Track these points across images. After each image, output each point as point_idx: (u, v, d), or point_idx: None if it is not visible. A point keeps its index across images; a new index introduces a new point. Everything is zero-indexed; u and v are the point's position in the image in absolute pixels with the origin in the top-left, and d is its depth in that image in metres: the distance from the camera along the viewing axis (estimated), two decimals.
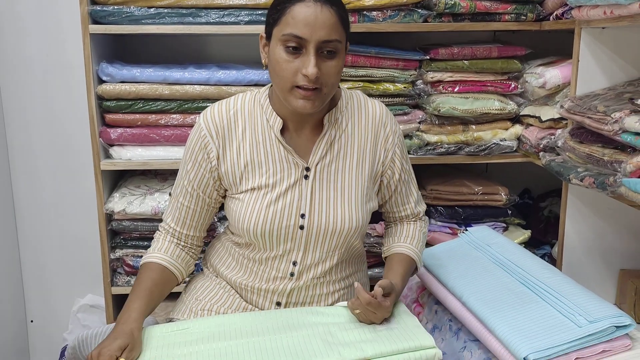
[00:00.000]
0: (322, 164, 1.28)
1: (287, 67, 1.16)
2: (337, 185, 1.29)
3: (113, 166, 1.89)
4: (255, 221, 1.26)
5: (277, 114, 1.26)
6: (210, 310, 1.35)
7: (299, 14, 1.13)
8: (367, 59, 1.89)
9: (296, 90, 1.17)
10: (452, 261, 1.53)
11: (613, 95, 1.56)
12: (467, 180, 2.06)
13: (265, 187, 1.27)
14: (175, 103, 1.88)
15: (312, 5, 1.14)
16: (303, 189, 1.27)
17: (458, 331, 1.40)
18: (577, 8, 1.61)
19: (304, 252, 1.30)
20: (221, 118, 1.28)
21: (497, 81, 1.94)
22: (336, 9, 1.16)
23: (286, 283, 1.32)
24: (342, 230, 1.28)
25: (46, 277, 2.31)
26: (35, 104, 2.17)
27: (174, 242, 1.35)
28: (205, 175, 1.30)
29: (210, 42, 2.19)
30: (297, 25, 1.13)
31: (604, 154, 1.47)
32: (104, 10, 1.78)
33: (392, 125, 1.35)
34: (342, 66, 1.22)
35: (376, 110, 1.33)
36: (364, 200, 1.31)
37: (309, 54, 1.14)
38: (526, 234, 2.01)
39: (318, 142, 1.28)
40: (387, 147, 1.33)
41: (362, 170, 1.31)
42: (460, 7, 1.85)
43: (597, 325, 1.14)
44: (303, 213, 1.27)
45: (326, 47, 1.16)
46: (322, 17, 1.13)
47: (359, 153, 1.31)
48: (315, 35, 1.13)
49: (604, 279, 1.80)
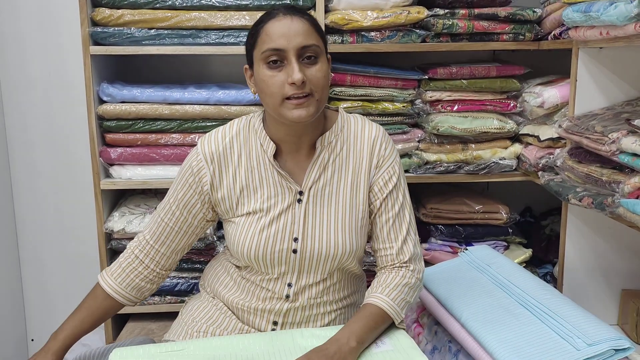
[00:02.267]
0: (316, 187, 1.28)
1: (273, 82, 1.17)
2: (330, 209, 1.28)
3: (113, 185, 1.89)
4: (249, 245, 1.26)
5: (270, 139, 1.27)
6: (206, 332, 1.35)
7: (273, 28, 1.16)
8: (366, 78, 1.90)
9: (288, 102, 1.17)
10: (451, 281, 1.52)
11: (611, 115, 1.56)
12: (467, 199, 2.05)
13: (260, 211, 1.27)
14: (175, 123, 1.89)
15: (283, 18, 1.17)
16: (296, 212, 1.27)
17: (457, 353, 1.39)
18: (574, 28, 1.62)
19: (298, 275, 1.30)
20: (217, 146, 1.29)
21: (496, 100, 1.94)
22: (307, 17, 1.20)
23: (282, 303, 1.31)
24: (336, 254, 1.27)
25: (47, 296, 2.31)
26: (37, 123, 2.19)
27: (139, 262, 1.33)
28: (194, 197, 1.30)
29: (210, 62, 2.21)
30: (273, 39, 1.16)
31: (603, 174, 1.47)
32: (105, 32, 1.80)
33: (386, 151, 1.30)
34: (328, 72, 1.22)
35: (372, 133, 1.30)
36: (359, 225, 1.30)
37: (290, 62, 1.16)
38: (527, 253, 2.00)
39: (311, 165, 1.27)
40: (379, 171, 1.30)
41: (357, 194, 1.29)
42: (458, 27, 1.86)
43: (596, 348, 1.13)
44: (296, 237, 1.27)
45: (306, 53, 1.17)
46: (295, 26, 1.16)
47: (354, 177, 1.29)
48: (292, 43, 1.15)
49: (605, 300, 1.79)
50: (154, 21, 1.82)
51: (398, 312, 1.24)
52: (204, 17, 1.83)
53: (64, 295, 2.31)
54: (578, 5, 1.55)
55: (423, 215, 2.01)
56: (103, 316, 1.36)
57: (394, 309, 1.23)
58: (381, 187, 1.29)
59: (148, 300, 1.98)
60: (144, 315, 2.04)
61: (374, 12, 1.84)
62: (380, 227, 1.31)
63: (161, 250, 1.33)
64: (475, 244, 1.95)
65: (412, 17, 1.84)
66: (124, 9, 1.82)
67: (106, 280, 1.35)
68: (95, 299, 1.36)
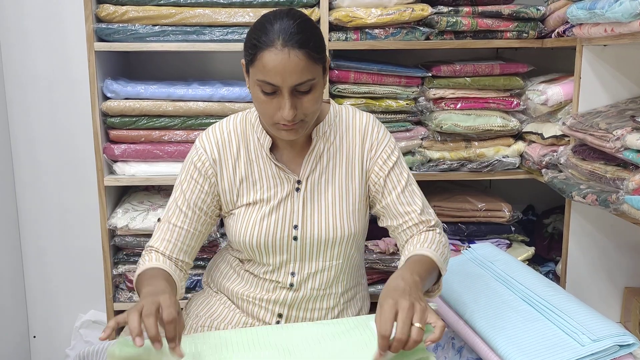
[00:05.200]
0: (313, 176, 1.31)
1: (265, 107, 1.19)
2: (327, 195, 1.31)
3: (117, 182, 1.90)
4: (250, 234, 1.29)
5: (266, 133, 1.30)
6: (210, 326, 1.36)
7: (269, 62, 1.14)
8: (370, 75, 1.90)
9: (278, 125, 1.20)
10: (454, 278, 1.52)
11: (615, 113, 1.56)
12: (470, 197, 2.05)
13: (259, 201, 1.31)
14: (178, 119, 1.89)
15: (279, 53, 1.13)
16: (295, 201, 1.31)
17: (461, 349, 1.39)
18: (578, 26, 1.62)
19: (300, 263, 1.32)
20: (216, 140, 1.32)
21: (500, 98, 1.94)
22: (305, 51, 1.15)
23: (286, 293, 1.33)
24: (335, 238, 1.30)
25: (49, 293, 2.31)
26: (40, 119, 2.19)
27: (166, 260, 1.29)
28: (203, 191, 1.31)
29: (214, 59, 2.21)
30: (269, 74, 1.15)
31: (607, 171, 1.47)
32: (109, 28, 1.81)
33: (378, 134, 1.33)
34: (322, 92, 1.23)
35: (363, 121, 1.34)
36: (356, 208, 1.33)
37: (283, 97, 1.16)
38: (530, 251, 1.99)
39: (307, 155, 1.31)
40: (372, 155, 1.33)
41: (353, 179, 1.33)
42: (462, 25, 1.86)
43: (601, 344, 1.13)
44: (296, 224, 1.30)
45: (300, 88, 1.17)
46: (291, 64, 1.14)
47: (348, 163, 1.33)
48: (286, 82, 1.15)
49: (608, 297, 1.79)
50: (158, 18, 1.82)
51: (442, 264, 1.23)
52: (208, 14, 1.83)
53: (67, 292, 2.31)
54: (582, 3, 1.55)
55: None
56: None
57: (439, 260, 1.22)
58: (381, 166, 1.32)
59: None
60: None
61: (378, 9, 1.84)
62: (393, 203, 1.31)
63: (179, 257, 1.31)
64: (477, 242, 1.95)
65: (416, 14, 1.84)
66: (129, 6, 1.82)
67: (153, 265, 1.24)
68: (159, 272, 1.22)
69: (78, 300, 2.32)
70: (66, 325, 2.32)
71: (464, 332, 1.35)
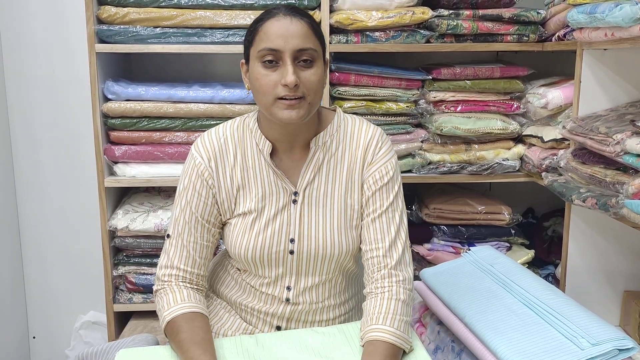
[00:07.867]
0: (311, 188, 1.27)
1: (266, 81, 1.17)
2: (325, 209, 1.27)
3: (117, 183, 1.90)
4: (246, 247, 1.26)
5: (266, 138, 1.26)
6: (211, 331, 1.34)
7: (271, 27, 1.16)
8: (370, 78, 1.90)
9: (279, 102, 1.17)
10: (454, 281, 1.52)
11: (615, 117, 1.56)
12: (470, 199, 2.06)
13: (255, 211, 1.27)
14: (179, 121, 1.89)
15: (282, 18, 1.17)
16: (292, 213, 1.27)
17: (460, 352, 1.39)
18: (578, 30, 1.62)
19: (296, 277, 1.29)
20: (212, 146, 1.28)
21: (500, 101, 1.95)
22: (307, 20, 1.18)
23: (284, 307, 1.31)
24: (332, 254, 1.27)
25: (49, 294, 2.31)
26: (41, 120, 2.19)
27: (188, 287, 1.25)
28: (208, 202, 1.27)
29: (215, 61, 2.21)
30: (270, 39, 1.15)
31: (606, 175, 1.47)
32: (111, 30, 1.81)
33: (381, 149, 1.28)
34: (323, 76, 1.21)
35: (369, 134, 1.28)
36: (354, 224, 1.28)
37: (285, 64, 1.15)
38: (530, 254, 2.00)
39: (305, 165, 1.27)
40: (369, 169, 1.27)
41: (352, 194, 1.28)
42: (462, 28, 1.86)
43: (600, 348, 1.13)
44: (292, 238, 1.26)
45: (302, 56, 1.17)
46: (294, 27, 1.16)
47: (348, 176, 1.28)
48: (288, 45, 1.15)
49: (607, 301, 1.79)
50: (159, 19, 1.82)
51: (405, 339, 1.18)
52: (210, 16, 1.83)
53: (67, 293, 2.31)
54: (583, 7, 1.55)
55: (426, 216, 2.02)
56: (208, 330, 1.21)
57: (401, 337, 1.16)
58: (370, 185, 1.27)
59: (150, 297, 1.98)
60: (147, 313, 2.04)
61: (379, 12, 1.84)
62: (367, 226, 1.26)
63: (200, 272, 1.28)
64: (477, 245, 1.95)
65: (416, 17, 1.85)
66: (130, 7, 1.82)
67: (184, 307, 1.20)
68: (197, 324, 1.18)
69: (78, 301, 2.32)
70: (66, 326, 2.32)
71: (464, 335, 1.35)
